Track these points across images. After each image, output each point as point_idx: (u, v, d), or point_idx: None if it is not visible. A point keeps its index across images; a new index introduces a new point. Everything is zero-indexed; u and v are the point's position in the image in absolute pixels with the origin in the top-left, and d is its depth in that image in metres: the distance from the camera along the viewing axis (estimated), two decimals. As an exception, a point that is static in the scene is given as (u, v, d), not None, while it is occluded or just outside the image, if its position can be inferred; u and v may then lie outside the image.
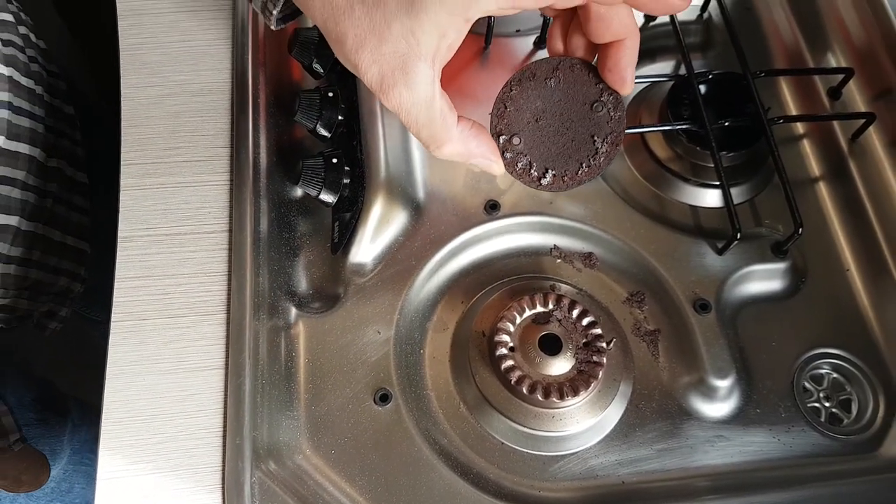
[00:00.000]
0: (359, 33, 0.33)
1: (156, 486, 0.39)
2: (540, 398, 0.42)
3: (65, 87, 0.67)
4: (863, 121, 0.53)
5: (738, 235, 0.47)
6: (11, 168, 0.55)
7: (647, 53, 0.58)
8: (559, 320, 0.45)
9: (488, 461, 0.44)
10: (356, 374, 0.44)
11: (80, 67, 1.03)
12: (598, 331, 0.44)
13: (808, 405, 0.47)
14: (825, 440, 0.46)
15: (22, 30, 0.61)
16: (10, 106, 0.55)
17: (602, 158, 0.37)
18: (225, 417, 0.40)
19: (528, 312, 0.45)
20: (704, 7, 0.59)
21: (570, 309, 0.45)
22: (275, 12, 0.37)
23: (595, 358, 0.43)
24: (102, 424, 0.38)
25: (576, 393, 0.43)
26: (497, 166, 0.38)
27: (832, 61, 0.58)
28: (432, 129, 0.35)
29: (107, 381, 0.39)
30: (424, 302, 0.49)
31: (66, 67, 0.70)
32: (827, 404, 0.48)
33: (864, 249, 0.51)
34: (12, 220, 0.55)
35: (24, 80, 0.57)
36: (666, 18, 0.56)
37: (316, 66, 0.51)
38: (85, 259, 0.67)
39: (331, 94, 0.49)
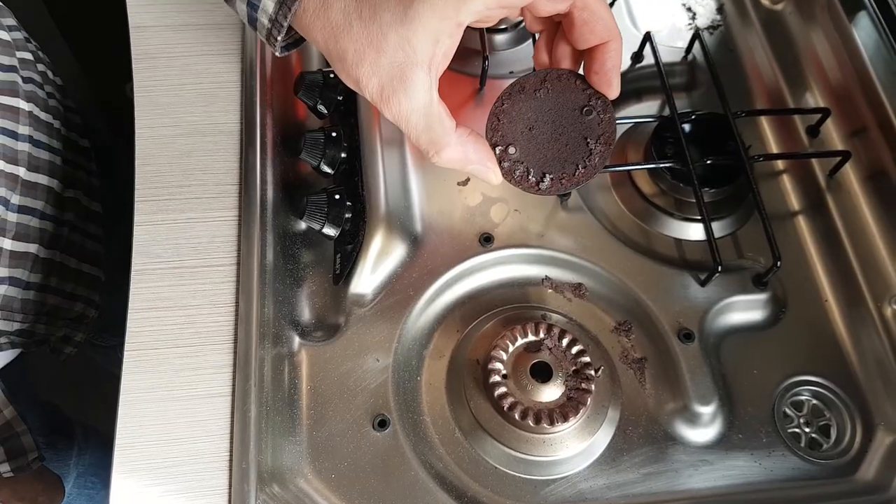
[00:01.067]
0: (358, 48, 0.35)
1: (165, 508, 0.41)
2: (531, 424, 0.45)
3: (80, 121, 0.70)
4: (839, 158, 0.56)
5: (719, 268, 0.50)
6: (31, 198, 0.58)
7: (633, 93, 0.61)
8: (550, 349, 0.47)
9: (482, 485, 0.46)
10: (356, 401, 0.46)
11: (93, 103, 1.06)
12: (586, 359, 0.47)
13: (789, 430, 0.49)
14: (805, 464, 0.48)
15: (40, 67, 0.64)
16: (30, 139, 0.57)
17: (597, 158, 0.40)
18: (231, 442, 0.42)
19: (520, 341, 0.47)
20: (689, 49, 0.62)
21: (561, 338, 0.47)
22: (279, 38, 0.39)
23: (584, 385, 0.46)
24: (115, 449, 0.40)
25: (565, 419, 0.45)
26: (494, 174, 0.40)
27: (810, 101, 0.61)
28: (431, 134, 0.37)
29: (120, 408, 0.41)
30: (422, 330, 0.51)
31: (81, 103, 0.73)
32: (807, 430, 0.50)
33: (842, 281, 0.54)
34: (31, 248, 0.58)
35: (43, 115, 0.60)
36: (651, 59, 0.59)
37: (320, 106, 0.54)
38: (99, 285, 0.70)
39: (334, 134, 0.52)
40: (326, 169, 0.53)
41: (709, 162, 0.53)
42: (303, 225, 0.53)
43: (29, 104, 0.58)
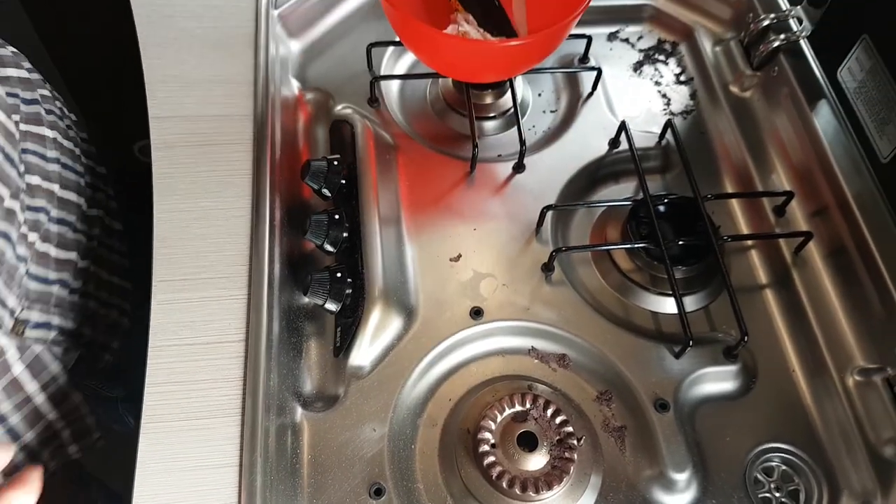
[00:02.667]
0: None
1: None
2: (518, 492, 0.48)
3: (96, 151, 0.76)
4: (802, 238, 0.60)
5: (690, 343, 0.54)
6: (66, 213, 0.64)
7: (611, 176, 0.66)
8: (535, 419, 0.51)
9: (472, 549, 0.49)
10: (354, 469, 0.50)
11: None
12: (570, 429, 0.50)
13: (760, 496, 0.53)
14: (775, 529, 0.51)
15: (57, 103, 0.70)
16: (58, 161, 0.64)
17: None
18: (239, 511, 0.45)
19: (507, 411, 0.51)
20: (662, 135, 0.67)
21: (546, 408, 0.51)
22: None
23: (567, 454, 0.49)
24: (132, 518, 0.44)
25: (550, 487, 0.48)
26: None
27: (776, 182, 0.66)
28: None
29: (136, 479, 0.45)
30: (416, 400, 0.55)
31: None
32: (777, 494, 0.53)
33: (808, 352, 0.58)
34: (72, 255, 0.64)
35: (65, 143, 0.67)
36: (625, 145, 0.64)
37: (324, 190, 0.59)
38: (129, 296, 0.76)
39: (336, 217, 0.57)
40: (329, 248, 0.57)
41: (680, 243, 0.58)
42: (306, 299, 0.57)
43: (52, 132, 0.64)
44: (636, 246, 0.58)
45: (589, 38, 0.70)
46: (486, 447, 0.49)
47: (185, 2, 0.66)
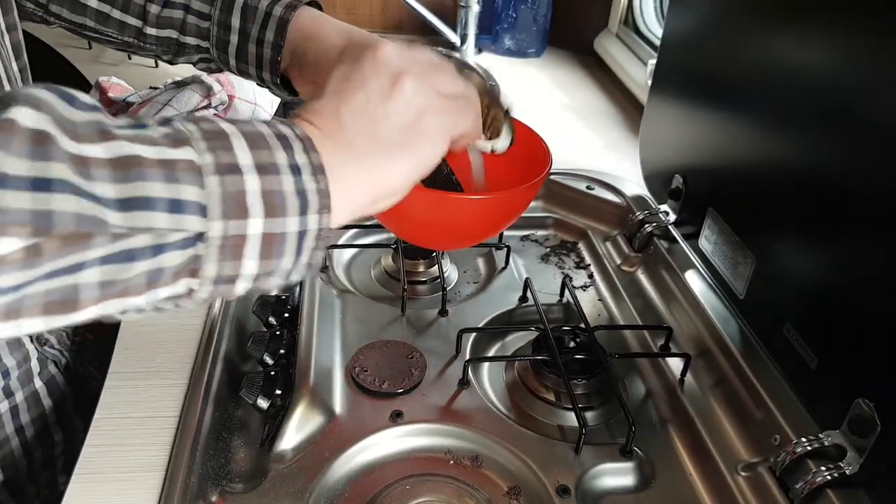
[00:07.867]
0: None
1: None
2: None
3: None
4: (684, 360, 0.70)
5: (584, 430, 0.60)
6: None
7: (522, 324, 0.77)
8: None
9: None
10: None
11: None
12: None
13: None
14: None
15: None
16: None
17: None
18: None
19: None
20: (561, 293, 0.81)
21: None
22: None
23: None
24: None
25: None
26: None
27: (662, 335, 0.76)
28: None
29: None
30: (333, 490, 0.57)
31: None
32: (688, 587, 0.54)
33: (700, 456, 0.63)
34: None
35: None
36: (532, 300, 0.76)
37: (271, 319, 0.69)
38: None
39: (277, 333, 0.67)
40: (268, 360, 0.65)
41: (576, 357, 0.67)
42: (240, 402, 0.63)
43: None
44: (536, 358, 0.67)
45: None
46: None
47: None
